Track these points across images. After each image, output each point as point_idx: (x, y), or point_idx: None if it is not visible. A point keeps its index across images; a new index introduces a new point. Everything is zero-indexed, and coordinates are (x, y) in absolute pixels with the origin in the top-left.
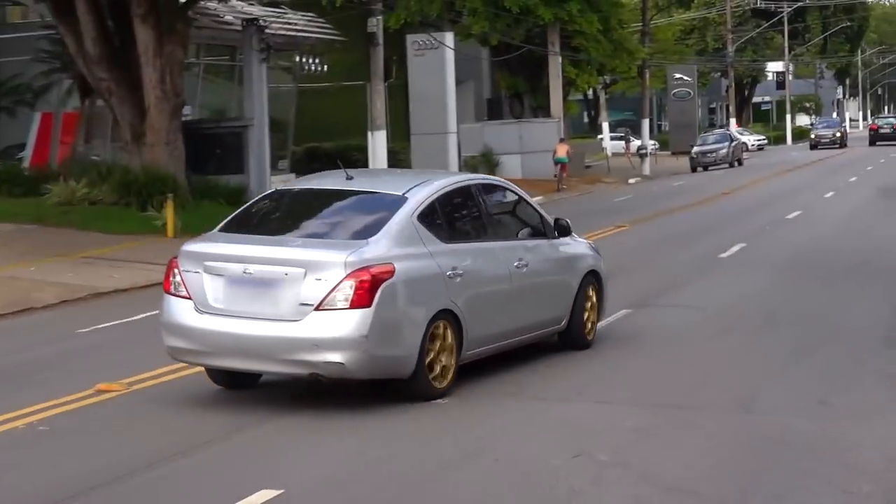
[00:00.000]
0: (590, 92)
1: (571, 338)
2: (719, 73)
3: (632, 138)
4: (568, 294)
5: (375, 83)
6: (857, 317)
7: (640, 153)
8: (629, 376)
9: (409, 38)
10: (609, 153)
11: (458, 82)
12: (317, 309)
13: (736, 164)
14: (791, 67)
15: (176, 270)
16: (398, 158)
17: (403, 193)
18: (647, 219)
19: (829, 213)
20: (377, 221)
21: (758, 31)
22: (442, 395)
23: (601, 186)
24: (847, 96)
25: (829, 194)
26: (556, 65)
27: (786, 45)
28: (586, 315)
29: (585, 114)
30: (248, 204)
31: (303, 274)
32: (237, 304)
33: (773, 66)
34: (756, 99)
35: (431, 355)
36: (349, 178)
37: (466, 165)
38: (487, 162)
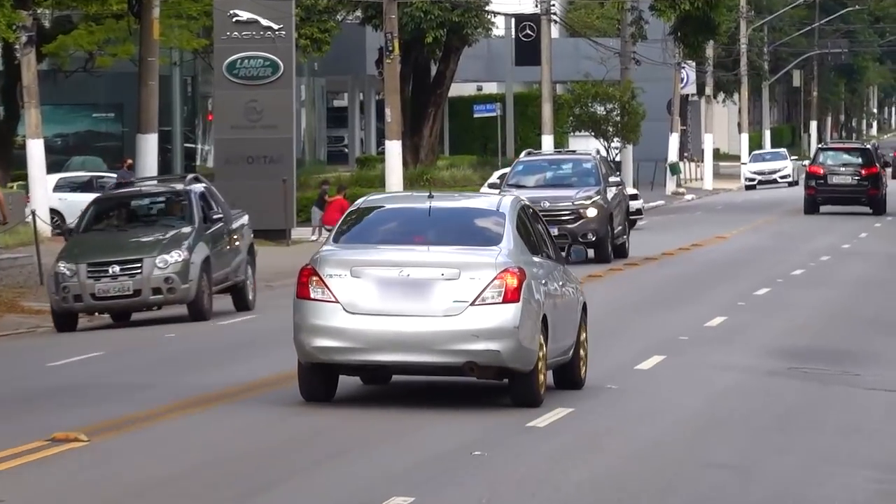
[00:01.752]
0: None
1: (570, 374)
2: (351, 15)
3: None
4: (574, 324)
5: None
6: None
7: None
8: None
9: None
10: (38, 223)
11: None
12: (472, 304)
13: None
14: (558, 6)
15: (315, 277)
16: None
17: (498, 208)
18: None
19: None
20: (492, 231)
21: None
22: (540, 404)
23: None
24: (715, 94)
25: (652, 363)
26: None
27: None
28: (582, 351)
29: None
30: (347, 218)
31: (458, 274)
32: (391, 303)
33: (508, 2)
34: (461, 89)
35: (540, 359)
36: (431, 196)
37: None
38: None
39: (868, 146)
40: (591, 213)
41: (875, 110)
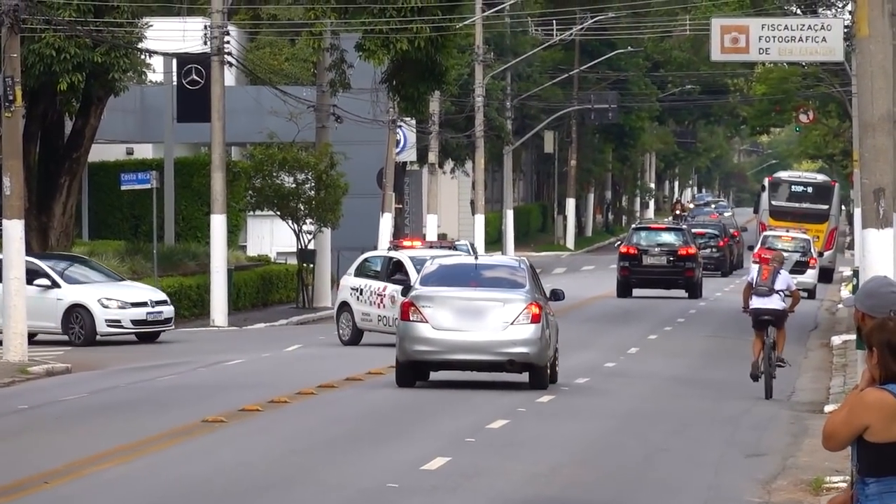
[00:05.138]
0: None
1: (550, 373)
2: None
3: None
4: (555, 339)
5: None
6: None
7: None
8: None
9: None
10: None
11: None
12: (511, 324)
13: None
14: (235, 44)
15: (413, 307)
16: None
17: (519, 265)
18: None
19: None
20: (519, 277)
21: None
22: (547, 387)
23: None
24: (441, 162)
25: None
26: None
27: None
28: (557, 357)
29: None
30: (426, 271)
31: (503, 305)
32: (462, 323)
33: (168, 38)
34: (106, 153)
35: (549, 358)
36: (476, 256)
37: None
38: None
39: (684, 226)
40: None
41: (653, 185)
